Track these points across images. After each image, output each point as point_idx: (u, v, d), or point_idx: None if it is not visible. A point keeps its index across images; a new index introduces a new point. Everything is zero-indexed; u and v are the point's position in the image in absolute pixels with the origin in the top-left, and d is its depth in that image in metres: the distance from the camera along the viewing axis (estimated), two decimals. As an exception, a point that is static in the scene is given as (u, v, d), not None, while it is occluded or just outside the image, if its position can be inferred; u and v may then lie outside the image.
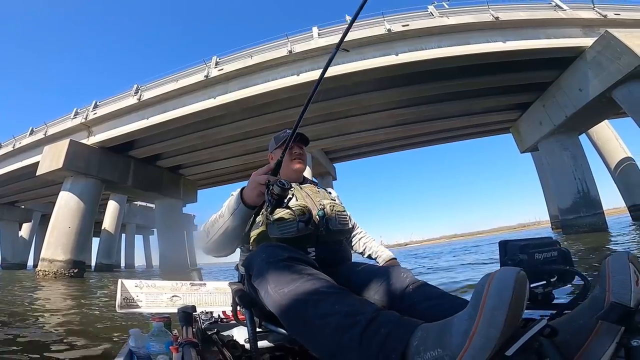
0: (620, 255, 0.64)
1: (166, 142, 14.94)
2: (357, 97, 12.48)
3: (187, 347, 0.99)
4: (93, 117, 14.38)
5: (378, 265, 1.17)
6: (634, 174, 15.40)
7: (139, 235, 37.60)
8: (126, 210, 27.19)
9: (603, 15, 11.79)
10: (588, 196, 12.77)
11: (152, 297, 1.80)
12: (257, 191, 1.01)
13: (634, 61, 9.80)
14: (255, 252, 0.99)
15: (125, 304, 1.74)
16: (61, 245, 13.46)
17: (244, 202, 1.05)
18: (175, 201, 19.15)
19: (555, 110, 13.03)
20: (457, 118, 15.49)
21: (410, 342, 0.61)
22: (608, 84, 10.68)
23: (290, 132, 1.41)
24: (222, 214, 1.11)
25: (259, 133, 14.44)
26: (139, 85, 13.94)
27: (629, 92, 10.44)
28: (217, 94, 12.40)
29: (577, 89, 11.82)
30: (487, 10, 11.65)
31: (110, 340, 2.59)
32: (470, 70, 11.93)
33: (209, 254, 1.21)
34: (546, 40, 11.46)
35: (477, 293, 0.54)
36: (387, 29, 11.26)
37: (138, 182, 16.43)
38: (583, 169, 13.09)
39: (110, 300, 5.87)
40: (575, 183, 12.96)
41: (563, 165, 13.36)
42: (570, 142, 13.46)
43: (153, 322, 1.20)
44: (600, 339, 0.60)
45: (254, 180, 1.01)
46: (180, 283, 1.89)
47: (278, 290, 0.82)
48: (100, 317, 4.01)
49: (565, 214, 13.33)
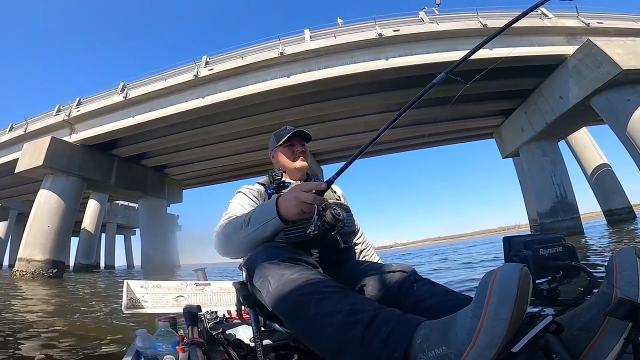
0: (628, 251, 0.64)
1: (152, 141, 14.67)
2: (347, 100, 12.58)
3: (193, 347, 1.01)
4: (76, 114, 13.97)
5: (381, 263, 1.15)
6: (610, 180, 16.03)
7: (119, 235, 36.68)
8: (107, 210, 26.54)
9: (586, 23, 12.03)
10: (566, 201, 13.24)
11: (157, 298, 1.81)
12: (298, 209, 0.93)
13: (613, 70, 10.00)
14: (256, 253, 0.99)
15: (131, 304, 1.75)
16: (39, 244, 13.01)
17: (279, 216, 0.97)
18: (159, 201, 18.79)
19: (536, 117, 13.35)
20: (443, 123, 15.77)
21: (414, 340, 0.61)
22: (587, 91, 10.91)
23: (291, 128, 1.44)
24: (248, 221, 1.03)
25: (248, 134, 14.36)
26: (125, 83, 13.64)
27: (607, 100, 10.69)
28: (207, 94, 12.28)
29: (558, 97, 12.11)
30: (476, 17, 11.87)
31: (116, 341, 2.57)
32: (459, 76, 12.11)
33: (226, 256, 1.17)
34: (530, 47, 11.68)
35: (481, 290, 0.54)
36: (379, 34, 11.40)
37: (121, 181, 16.05)
38: (561, 175, 13.56)
39: (107, 299, 5.78)
40: (553, 188, 13.41)
41: (542, 171, 13.78)
42: (550, 148, 13.88)
43: (159, 322, 1.22)
44: (607, 335, 0.60)
45: (297, 197, 0.93)
46: (185, 283, 1.91)
47: (279, 290, 0.82)
48: (103, 317, 3.97)
49: (543, 218, 13.77)
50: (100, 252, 29.24)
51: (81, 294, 7.59)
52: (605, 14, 12.79)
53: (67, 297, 6.69)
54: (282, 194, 1.01)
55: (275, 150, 1.45)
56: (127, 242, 40.82)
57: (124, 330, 2.99)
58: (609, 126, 11.02)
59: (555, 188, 13.37)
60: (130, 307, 1.74)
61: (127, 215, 33.26)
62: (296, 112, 12.82)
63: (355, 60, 11.53)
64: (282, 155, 1.43)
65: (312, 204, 0.91)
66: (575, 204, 13.34)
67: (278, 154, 1.44)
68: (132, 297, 1.76)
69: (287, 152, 1.42)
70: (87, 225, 22.63)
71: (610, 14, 12.88)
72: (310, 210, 0.92)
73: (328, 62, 11.61)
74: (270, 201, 1.02)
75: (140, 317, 3.17)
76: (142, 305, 1.76)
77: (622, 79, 10.06)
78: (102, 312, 4.40)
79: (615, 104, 10.49)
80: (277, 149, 1.44)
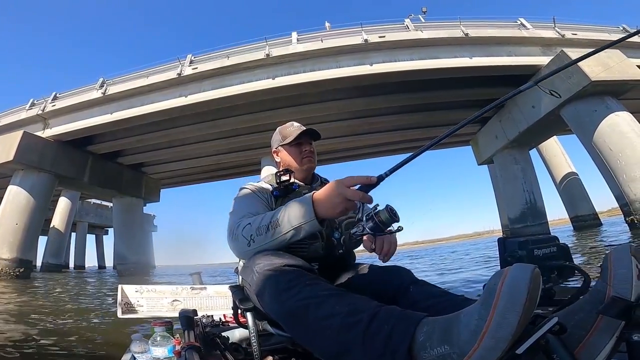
0: (623, 249, 0.64)
1: (130, 139, 14.26)
2: (332, 103, 12.67)
3: (189, 351, 1.00)
4: (51, 108, 13.42)
5: (378, 265, 1.11)
6: (577, 187, 16.80)
7: (91, 234, 35.24)
8: (78, 208, 25.49)
9: (561, 34, 12.25)
10: (535, 207, 13.80)
11: (152, 302, 1.82)
12: (343, 207, 0.86)
13: (583, 81, 10.17)
14: (251, 260, 0.96)
15: (126, 309, 1.76)
16: (7, 242, 12.37)
17: (317, 216, 0.90)
18: (135, 200, 18.20)
19: (510, 126, 13.65)
20: (422, 129, 16.05)
21: (416, 337, 0.60)
22: (557, 102, 11.14)
23: (298, 124, 1.36)
24: (276, 223, 0.95)
25: (230, 134, 14.22)
26: (105, 79, 13.21)
27: (575, 110, 10.96)
28: (189, 93, 12.09)
29: (531, 106, 12.36)
30: (459, 26, 12.02)
31: (111, 345, 2.53)
32: (437, 84, 12.34)
33: (242, 258, 1.10)
34: (508, 57, 11.88)
35: (489, 291, 0.53)
36: (365, 39, 11.50)
37: (95, 178, 15.48)
38: (531, 182, 14.12)
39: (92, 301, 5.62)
40: (524, 195, 13.93)
41: (514, 178, 14.26)
42: (522, 156, 14.35)
43: (155, 326, 1.20)
44: (600, 334, 0.60)
45: (341, 193, 0.84)
46: (180, 287, 1.91)
47: (277, 297, 0.81)
48: (98, 321, 3.87)
49: (514, 223, 14.29)
50: (69, 251, 28.06)
51: (54, 294, 7.32)
52: (580, 25, 13.04)
53: (57, 298, 6.45)
54: (317, 191, 0.92)
55: (279, 148, 1.36)
56: (98, 242, 39.24)
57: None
58: (577, 136, 11.29)
59: (525, 194, 13.92)
60: (125, 312, 1.73)
61: (99, 214, 32.05)
62: (280, 114, 12.82)
63: (340, 64, 11.62)
64: (288, 155, 1.33)
65: (355, 202, 0.85)
66: (544, 210, 13.94)
67: (283, 152, 1.34)
68: (127, 301, 1.75)
69: (294, 151, 1.31)
70: (57, 223, 21.69)
71: (585, 26, 13.12)
72: (353, 209, 0.87)
73: (314, 65, 11.65)
74: (304, 200, 0.94)
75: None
76: (138, 310, 1.75)
77: (591, 90, 10.35)
78: (96, 315, 4.29)
79: (583, 115, 10.78)
80: (282, 147, 1.34)
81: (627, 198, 9.72)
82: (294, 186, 1.24)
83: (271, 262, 0.89)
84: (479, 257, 9.22)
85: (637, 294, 0.59)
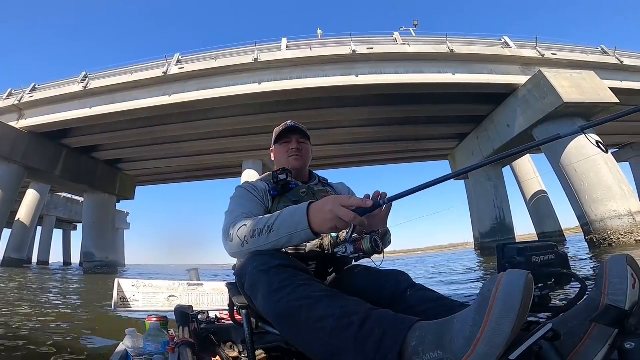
0: (619, 258, 0.64)
1: (108, 134, 13.89)
2: (316, 112, 12.77)
3: (183, 347, 1.00)
4: (28, 99, 12.93)
5: (376, 268, 1.09)
6: (545, 205, 17.34)
7: (58, 229, 33.72)
8: (47, 201, 24.39)
9: (542, 54, 12.29)
10: (504, 223, 14.32)
11: (148, 297, 1.80)
12: (332, 224, 0.84)
13: (556, 102, 10.38)
14: (246, 260, 0.96)
15: (121, 303, 1.74)
16: (-31, 235, 11.79)
17: (311, 227, 0.88)
18: (108, 196, 17.60)
19: (485, 143, 14.01)
20: (404, 142, 16.36)
21: (408, 342, 0.60)
22: (531, 122, 11.38)
23: (290, 123, 1.39)
24: (270, 228, 0.94)
25: (212, 135, 14.10)
26: (87, 72, 12.85)
27: (546, 131, 11.05)
28: (174, 92, 11.90)
29: (506, 125, 12.60)
30: (445, 42, 12.17)
31: (105, 339, 2.51)
32: (420, 98, 12.46)
33: (237, 258, 1.10)
34: (489, 75, 11.99)
35: (483, 297, 0.53)
36: (353, 50, 11.53)
37: (67, 172, 14.96)
38: (502, 199, 14.62)
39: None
40: (494, 210, 14.45)
41: (486, 194, 14.73)
42: (494, 174, 14.72)
43: (149, 321, 1.21)
44: (593, 341, 0.60)
45: (335, 212, 0.82)
46: (177, 283, 1.90)
47: (270, 298, 0.81)
48: (92, 315, 3.80)
49: (484, 237, 14.84)
50: (34, 246, 26.73)
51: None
52: (560, 45, 13.25)
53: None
54: (315, 202, 0.91)
55: (273, 148, 1.42)
56: (66, 237, 37.55)
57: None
58: (545, 156, 11.53)
59: (496, 210, 14.44)
60: (120, 305, 1.73)
61: (69, 209, 30.74)
62: (264, 119, 12.79)
63: (327, 73, 11.65)
64: (277, 153, 1.39)
65: (348, 222, 0.83)
66: (512, 226, 14.47)
67: (275, 151, 1.41)
68: (123, 295, 1.75)
69: (282, 149, 1.36)
70: (23, 216, 20.56)
71: (565, 45, 13.33)
72: (345, 228, 0.86)
73: (301, 73, 11.68)
74: (300, 209, 0.92)
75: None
76: (133, 304, 1.75)
77: (563, 112, 10.60)
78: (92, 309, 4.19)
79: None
80: (275, 146, 1.41)
81: (588, 218, 10.20)
82: (292, 185, 1.25)
83: (265, 262, 0.88)
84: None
85: (632, 303, 0.60)
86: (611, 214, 9.79)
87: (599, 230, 9.96)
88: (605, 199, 9.93)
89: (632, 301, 0.59)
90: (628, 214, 9.67)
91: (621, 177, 10.31)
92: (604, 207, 9.91)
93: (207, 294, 1.91)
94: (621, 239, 9.49)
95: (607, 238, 9.73)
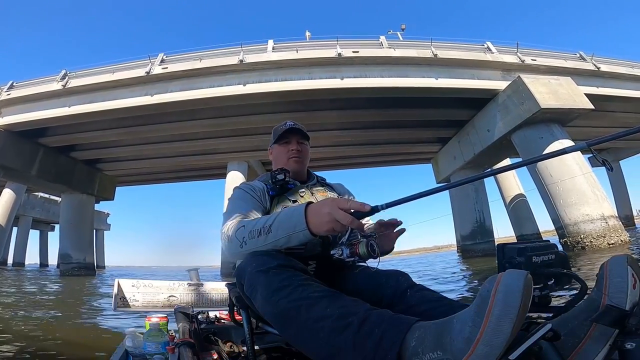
0: (619, 259, 0.64)
1: (87, 134, 13.56)
2: (300, 114, 12.67)
3: (183, 347, 0.99)
4: (5, 97, 12.53)
5: (375, 269, 1.08)
6: (524, 208, 17.71)
7: (35, 230, 32.67)
8: (23, 201, 23.63)
9: (522, 60, 12.36)
10: (483, 226, 14.69)
11: (148, 297, 1.79)
12: (330, 227, 0.85)
13: (533, 107, 10.53)
14: (245, 261, 0.96)
15: (121, 303, 1.73)
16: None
17: (309, 228, 0.89)
18: (87, 197, 17.16)
19: (467, 147, 14.24)
20: (387, 145, 16.46)
21: (407, 342, 0.60)
22: (509, 127, 11.53)
23: (290, 123, 1.38)
24: (269, 229, 0.94)
25: (194, 137, 13.95)
26: (67, 71, 12.52)
27: (524, 136, 11.35)
28: (156, 92, 11.70)
29: (486, 130, 12.77)
30: (429, 46, 12.15)
31: (105, 339, 2.46)
32: (403, 102, 12.57)
33: (235, 259, 1.09)
34: (471, 80, 12.04)
35: (482, 298, 0.53)
36: (338, 53, 11.52)
37: (44, 172, 14.50)
38: (482, 202, 15.00)
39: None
40: (475, 214, 14.80)
41: (467, 198, 15.05)
42: None
43: (149, 321, 1.20)
44: (593, 341, 0.60)
45: (333, 214, 0.83)
46: (177, 283, 1.89)
47: (269, 298, 0.81)
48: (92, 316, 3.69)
49: (464, 240, 15.18)
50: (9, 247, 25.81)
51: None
52: (540, 51, 13.31)
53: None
54: (313, 203, 0.92)
55: (272, 147, 1.40)
56: (42, 238, 36.39)
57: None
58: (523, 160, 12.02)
59: (476, 214, 14.81)
60: (120, 305, 1.71)
61: (46, 209, 29.87)
62: (248, 121, 12.73)
63: (312, 76, 11.64)
64: (276, 153, 1.38)
65: (345, 225, 0.84)
66: (492, 228, 14.87)
67: (274, 151, 1.40)
68: (122, 295, 1.73)
69: (282, 150, 1.35)
70: (-3, 217, 19.93)
71: (544, 52, 13.40)
72: (342, 230, 0.86)
73: (286, 75, 11.64)
74: (298, 210, 0.92)
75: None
76: (133, 304, 1.74)
77: (540, 117, 10.78)
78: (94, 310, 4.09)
79: (530, 141, 11.16)
80: (274, 146, 1.39)
81: (562, 222, 10.48)
82: (290, 185, 1.25)
83: (264, 263, 0.88)
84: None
85: (632, 303, 0.60)
86: (584, 218, 10.08)
87: (572, 234, 10.23)
88: (579, 204, 10.22)
89: (633, 301, 0.60)
90: (601, 218, 9.98)
91: (594, 182, 10.59)
92: (577, 211, 10.19)
93: (207, 294, 1.91)
94: (594, 242, 9.77)
95: (580, 241, 10.00)
